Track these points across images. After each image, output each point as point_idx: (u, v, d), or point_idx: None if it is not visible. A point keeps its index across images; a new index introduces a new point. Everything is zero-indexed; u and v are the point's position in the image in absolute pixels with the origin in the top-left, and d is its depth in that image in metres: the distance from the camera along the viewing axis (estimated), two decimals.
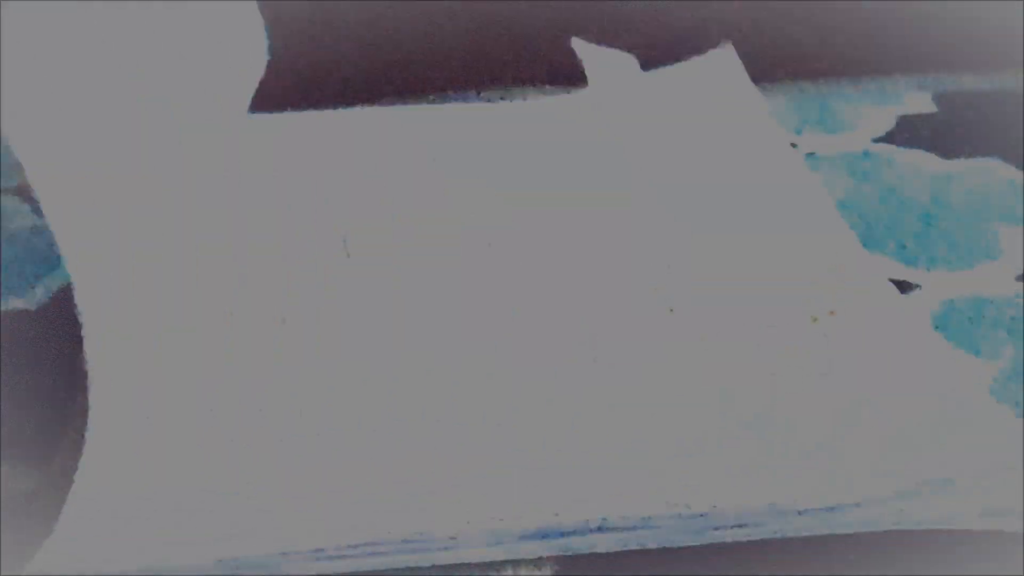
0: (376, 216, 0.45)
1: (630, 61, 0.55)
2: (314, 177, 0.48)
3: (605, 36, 0.66)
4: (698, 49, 0.63)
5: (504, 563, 0.31)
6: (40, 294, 0.43)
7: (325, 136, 0.51)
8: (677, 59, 0.63)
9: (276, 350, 0.37)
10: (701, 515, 0.32)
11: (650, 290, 0.40)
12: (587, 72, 0.54)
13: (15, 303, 0.42)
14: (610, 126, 0.51)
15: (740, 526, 0.32)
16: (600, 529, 0.32)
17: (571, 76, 0.60)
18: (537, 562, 0.31)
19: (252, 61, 0.48)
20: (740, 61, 0.55)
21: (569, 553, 0.31)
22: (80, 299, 0.40)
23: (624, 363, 0.37)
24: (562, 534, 0.31)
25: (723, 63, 0.55)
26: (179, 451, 0.34)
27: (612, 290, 0.41)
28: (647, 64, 0.59)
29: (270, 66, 0.62)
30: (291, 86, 0.60)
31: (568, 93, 0.56)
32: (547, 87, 0.57)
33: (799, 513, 0.32)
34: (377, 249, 0.42)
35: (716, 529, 0.32)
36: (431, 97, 0.59)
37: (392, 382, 0.36)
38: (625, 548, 0.32)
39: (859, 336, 0.39)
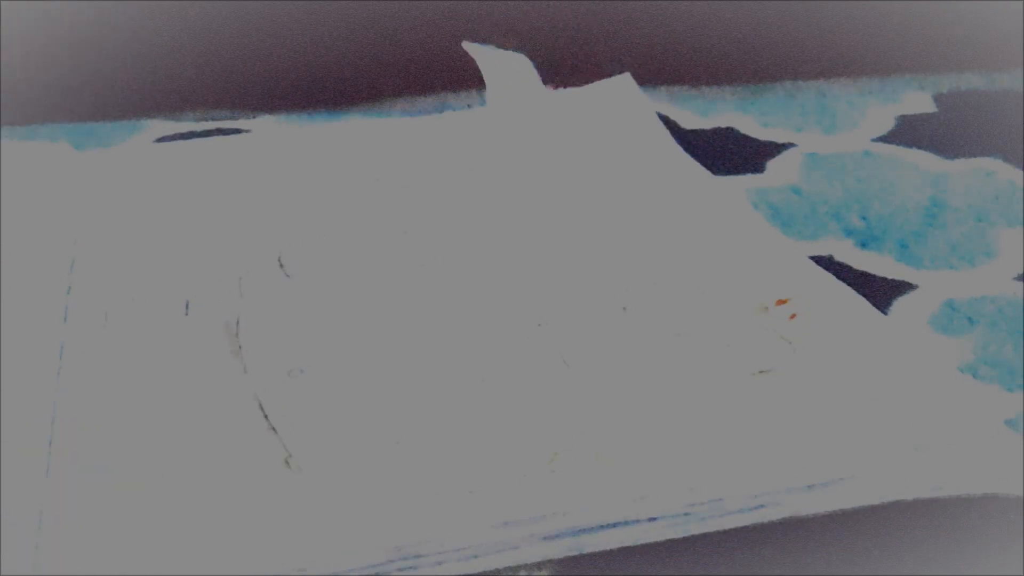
0: (315, 234, 0.45)
1: (531, 76, 0.56)
2: (255, 193, 0.48)
3: (606, 37, 0.66)
4: (695, 48, 0.63)
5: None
6: None
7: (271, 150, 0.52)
8: (679, 58, 0.63)
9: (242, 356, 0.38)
10: (706, 502, 0.32)
11: (600, 291, 0.41)
12: (486, 84, 0.55)
13: None
14: (514, 145, 0.51)
15: (742, 511, 0.32)
16: (603, 527, 0.32)
17: (567, 78, 0.60)
18: (537, 562, 0.31)
19: None
20: (639, 88, 0.55)
21: (574, 553, 0.32)
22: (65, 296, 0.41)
23: (592, 362, 0.37)
24: (571, 533, 0.31)
25: (622, 88, 0.55)
26: (171, 460, 0.34)
27: (562, 295, 0.41)
28: (646, 66, 0.59)
29: (270, 67, 0.62)
30: (291, 86, 0.60)
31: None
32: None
33: (800, 494, 0.32)
34: (317, 268, 0.42)
35: (716, 517, 0.32)
36: (430, 97, 0.59)
37: (374, 392, 0.36)
38: (629, 544, 0.32)
39: (815, 320, 0.39)
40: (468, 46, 0.55)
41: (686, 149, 0.53)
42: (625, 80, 0.55)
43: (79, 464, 0.33)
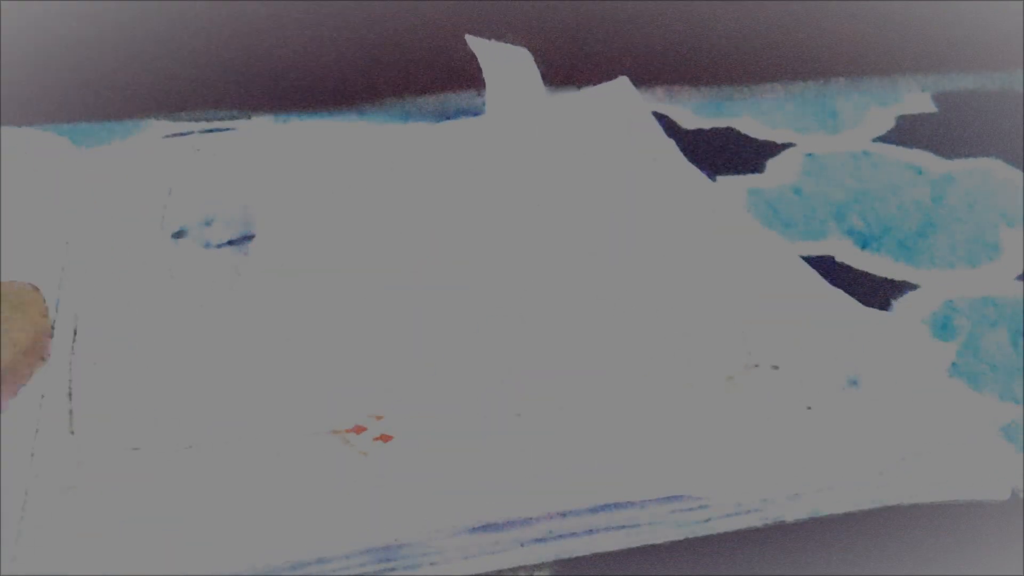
0: (308, 231, 0.45)
1: (532, 71, 0.55)
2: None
3: (606, 37, 0.66)
4: (696, 48, 0.63)
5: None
6: None
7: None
8: (679, 58, 0.63)
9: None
10: (699, 507, 0.32)
11: (590, 294, 0.41)
12: (486, 80, 0.54)
13: None
14: (512, 153, 0.51)
15: (736, 515, 0.32)
16: (597, 530, 0.32)
17: (568, 79, 0.60)
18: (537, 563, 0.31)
19: None
20: (637, 91, 0.55)
21: (569, 556, 0.32)
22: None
23: (580, 365, 0.37)
24: (560, 536, 0.31)
25: (619, 92, 0.55)
26: (155, 454, 0.34)
27: (552, 297, 0.41)
28: (645, 66, 0.59)
29: (270, 67, 0.62)
30: (291, 86, 0.60)
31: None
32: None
33: (789, 499, 0.32)
34: (309, 265, 0.42)
35: (710, 520, 0.32)
36: (431, 98, 0.59)
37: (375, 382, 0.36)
38: (623, 548, 0.32)
39: (809, 324, 0.39)
40: (471, 40, 0.55)
41: (686, 149, 0.53)
42: (622, 83, 0.55)
43: (66, 460, 0.33)
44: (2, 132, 0.51)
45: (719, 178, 0.51)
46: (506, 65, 0.55)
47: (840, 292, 0.41)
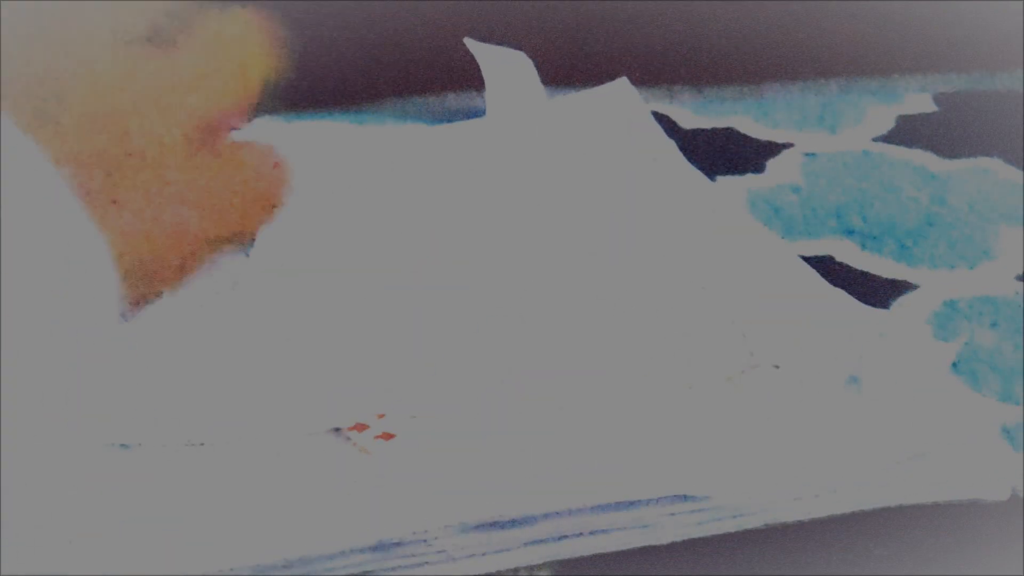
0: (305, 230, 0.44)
1: (531, 74, 0.55)
2: None
3: (606, 37, 0.66)
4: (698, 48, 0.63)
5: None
6: None
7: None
8: (679, 58, 0.63)
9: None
10: (699, 510, 0.32)
11: (589, 296, 0.41)
12: (485, 83, 0.54)
13: None
14: (511, 156, 0.51)
15: (736, 516, 0.32)
16: (597, 530, 0.32)
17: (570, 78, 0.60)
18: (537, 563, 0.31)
19: None
20: (637, 93, 0.55)
21: (569, 556, 0.32)
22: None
23: (579, 365, 0.37)
24: (560, 536, 0.32)
25: (619, 93, 0.55)
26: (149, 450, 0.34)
27: (550, 298, 0.41)
28: (646, 66, 0.59)
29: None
30: (291, 86, 0.60)
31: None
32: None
33: (790, 499, 0.32)
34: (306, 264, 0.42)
35: (712, 521, 0.32)
36: (432, 97, 0.59)
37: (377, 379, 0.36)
38: (623, 548, 0.32)
39: (807, 326, 0.39)
40: (469, 43, 0.55)
41: (686, 149, 0.53)
42: (622, 84, 0.55)
43: (65, 459, 0.33)
44: (2, 132, 0.51)
45: (719, 178, 0.51)
46: (505, 68, 0.55)
47: (840, 292, 0.41)
